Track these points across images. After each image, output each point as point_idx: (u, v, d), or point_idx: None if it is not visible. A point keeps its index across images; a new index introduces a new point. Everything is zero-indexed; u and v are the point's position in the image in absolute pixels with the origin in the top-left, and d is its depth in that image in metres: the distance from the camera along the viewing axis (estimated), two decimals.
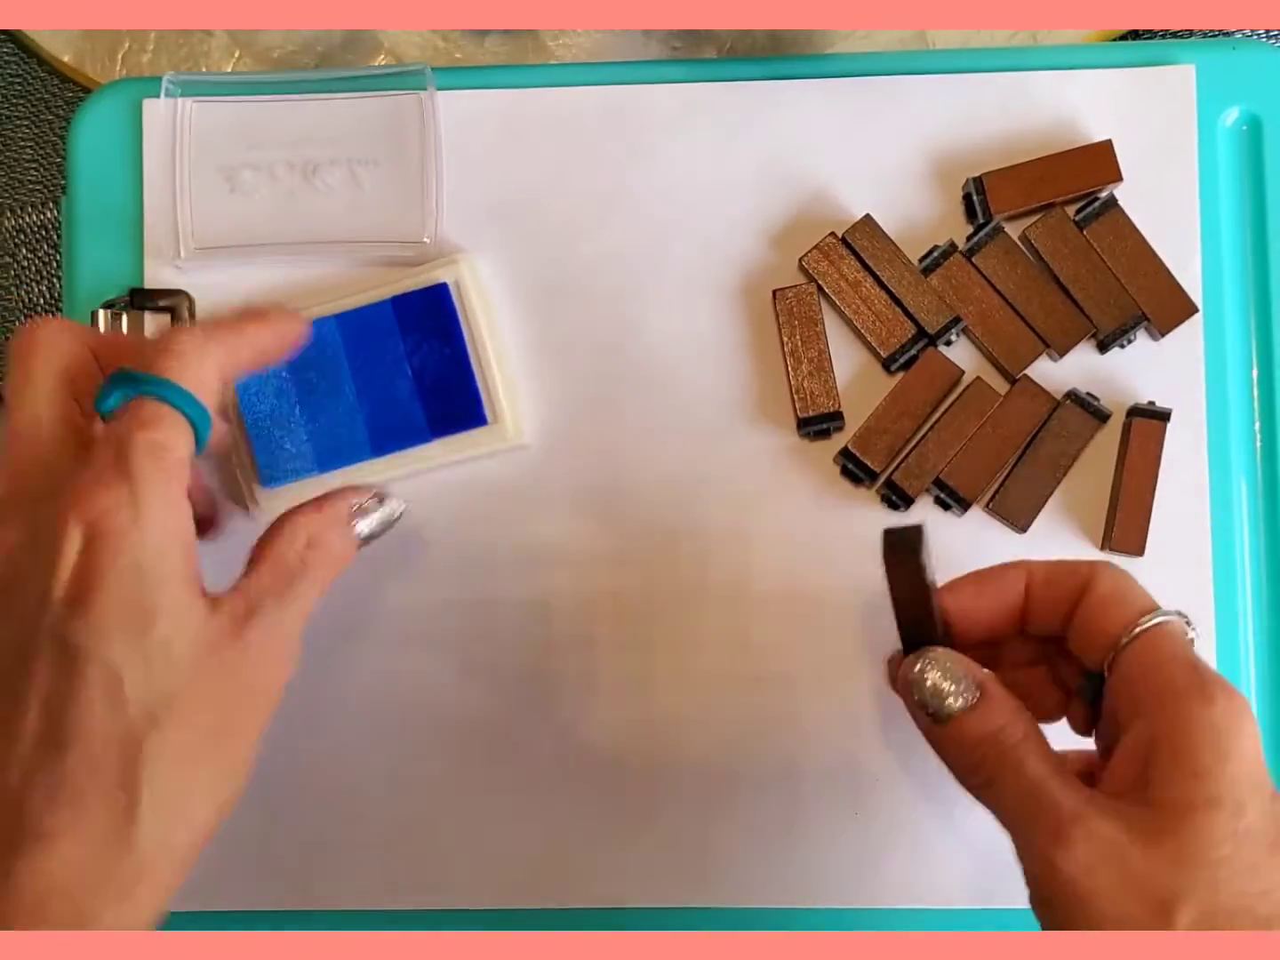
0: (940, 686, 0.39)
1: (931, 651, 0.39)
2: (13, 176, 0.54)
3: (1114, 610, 0.38)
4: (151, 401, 0.38)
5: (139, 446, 0.37)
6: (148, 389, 0.38)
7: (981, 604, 0.40)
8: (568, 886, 0.48)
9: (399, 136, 0.50)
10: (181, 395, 0.38)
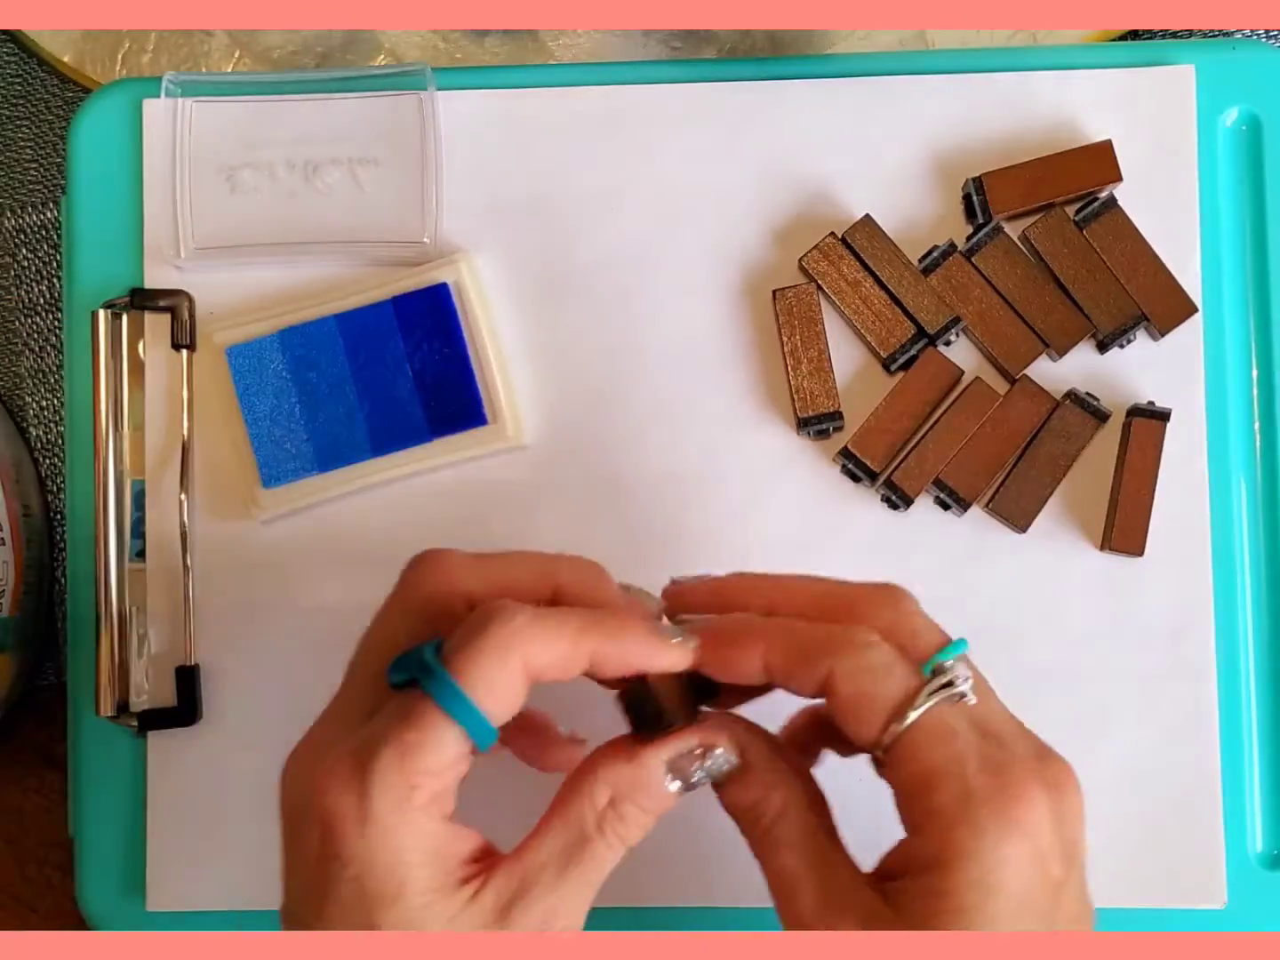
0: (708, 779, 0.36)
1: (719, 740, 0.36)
2: (13, 176, 0.54)
3: (863, 715, 0.34)
4: (422, 701, 0.34)
5: (387, 752, 0.33)
6: (427, 684, 0.34)
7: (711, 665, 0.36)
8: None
9: (399, 137, 0.50)
10: (461, 704, 0.33)
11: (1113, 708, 0.48)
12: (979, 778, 0.33)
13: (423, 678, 0.34)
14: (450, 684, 0.33)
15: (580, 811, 0.35)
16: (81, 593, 0.50)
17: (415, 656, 0.35)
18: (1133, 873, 0.48)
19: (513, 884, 0.34)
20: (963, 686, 0.34)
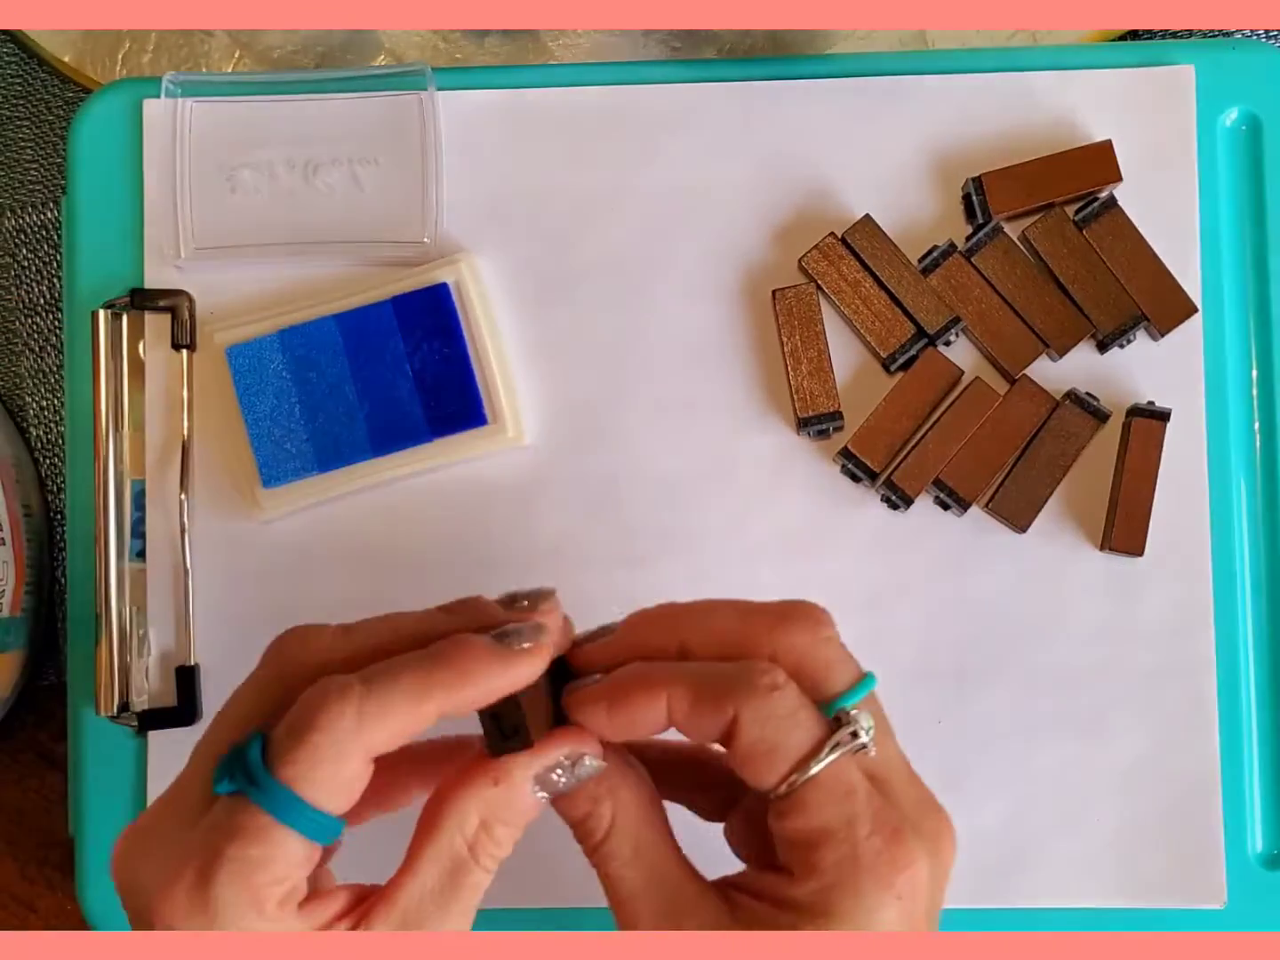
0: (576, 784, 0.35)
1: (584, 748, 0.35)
2: (13, 176, 0.54)
3: (760, 765, 0.33)
4: (256, 812, 0.31)
5: (225, 867, 0.31)
6: (260, 799, 0.31)
7: (618, 733, 0.35)
8: (569, 886, 0.48)
9: (399, 136, 0.50)
10: (295, 810, 0.31)
11: (1112, 708, 0.48)
12: (868, 841, 0.33)
13: (252, 792, 0.31)
14: (285, 796, 0.31)
15: (451, 840, 0.34)
16: (81, 593, 0.50)
17: (240, 762, 0.32)
18: (1132, 873, 0.48)
19: (393, 926, 0.33)
20: (865, 738, 0.33)
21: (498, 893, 0.48)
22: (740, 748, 0.33)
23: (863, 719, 0.33)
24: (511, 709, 0.34)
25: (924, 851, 0.33)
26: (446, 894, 0.34)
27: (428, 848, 0.34)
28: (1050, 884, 0.48)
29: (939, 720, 0.48)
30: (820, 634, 0.35)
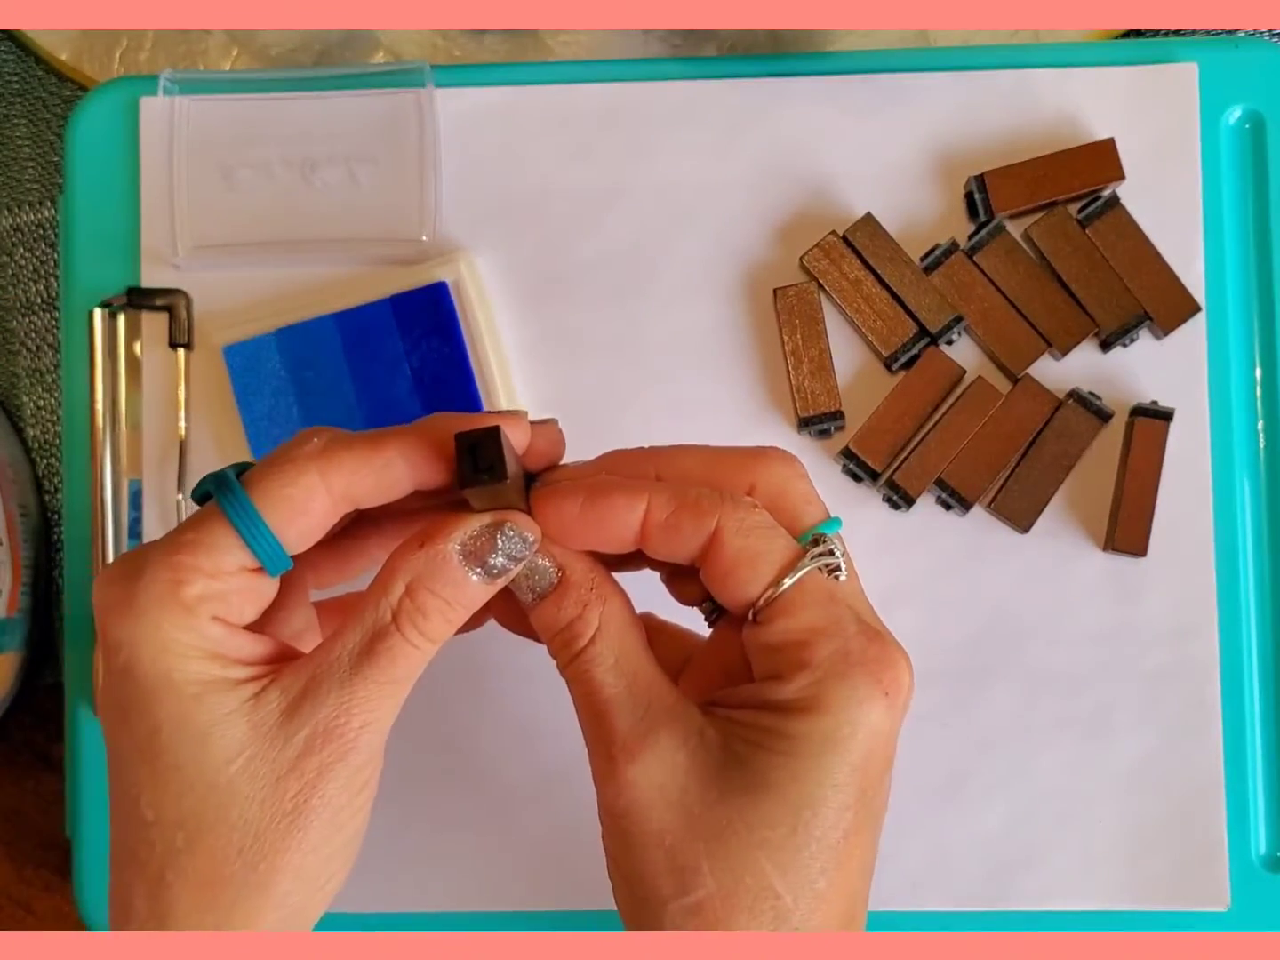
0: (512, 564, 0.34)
1: (511, 517, 0.34)
2: (9, 175, 0.54)
3: (744, 573, 0.33)
4: (211, 509, 0.33)
5: (158, 546, 0.33)
6: (220, 497, 0.33)
7: (586, 530, 0.34)
8: (570, 888, 0.48)
9: (397, 134, 0.50)
10: (254, 526, 0.33)
11: (1115, 708, 0.48)
12: (858, 639, 0.33)
13: (217, 491, 0.33)
14: (241, 497, 0.33)
15: (375, 605, 0.33)
16: (78, 593, 0.50)
17: (218, 475, 0.34)
18: (1136, 875, 0.47)
19: (300, 682, 0.33)
20: (839, 559, 0.34)
21: (500, 894, 0.48)
22: (724, 558, 0.33)
23: (837, 543, 0.34)
24: (490, 442, 0.32)
25: (907, 668, 0.34)
26: (361, 658, 0.33)
27: (353, 614, 0.34)
28: (1053, 886, 0.48)
29: (941, 721, 0.48)
30: (794, 470, 0.36)
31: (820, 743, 0.32)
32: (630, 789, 0.33)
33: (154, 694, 0.32)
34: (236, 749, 0.32)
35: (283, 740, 0.32)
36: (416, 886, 0.48)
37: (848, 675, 0.33)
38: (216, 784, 0.32)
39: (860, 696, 0.33)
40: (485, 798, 0.49)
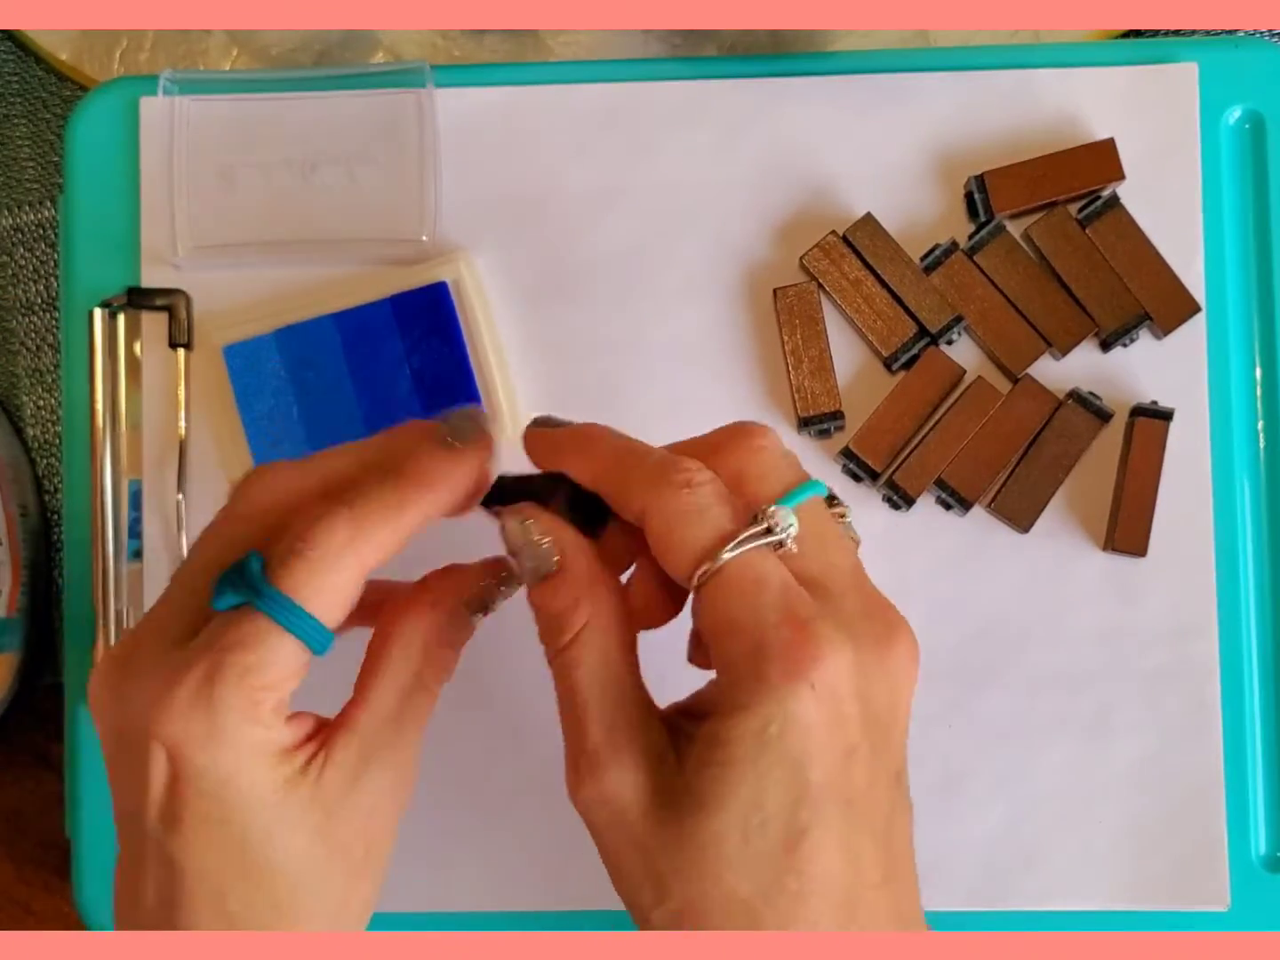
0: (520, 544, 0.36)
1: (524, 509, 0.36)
2: (9, 175, 0.54)
3: (670, 556, 0.33)
4: (256, 618, 0.33)
5: (227, 670, 0.33)
6: (259, 604, 0.33)
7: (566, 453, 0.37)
8: (567, 888, 0.48)
9: (397, 134, 0.49)
10: (297, 616, 0.34)
11: (1115, 709, 0.48)
12: (775, 631, 0.32)
13: (254, 598, 0.33)
14: (287, 604, 0.33)
15: (401, 666, 0.36)
16: (78, 593, 0.49)
17: (241, 575, 0.34)
18: (1136, 875, 0.47)
19: (353, 756, 0.35)
20: (781, 535, 0.33)
21: (500, 894, 0.48)
22: (650, 538, 0.34)
23: (782, 516, 0.33)
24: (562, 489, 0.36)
25: (850, 647, 0.32)
26: (403, 717, 0.36)
27: (379, 676, 0.36)
28: (1053, 886, 0.48)
29: (941, 721, 0.48)
30: (753, 444, 0.35)
31: (751, 745, 0.32)
32: (592, 802, 0.34)
33: (245, 810, 0.34)
34: (314, 833, 0.34)
35: (351, 812, 0.35)
36: (416, 886, 0.48)
37: (761, 671, 0.32)
38: (302, 869, 0.34)
39: (779, 695, 0.31)
40: (483, 798, 0.49)
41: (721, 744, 0.32)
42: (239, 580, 0.34)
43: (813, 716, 0.32)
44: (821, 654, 0.32)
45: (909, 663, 0.34)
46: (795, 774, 0.32)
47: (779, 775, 0.32)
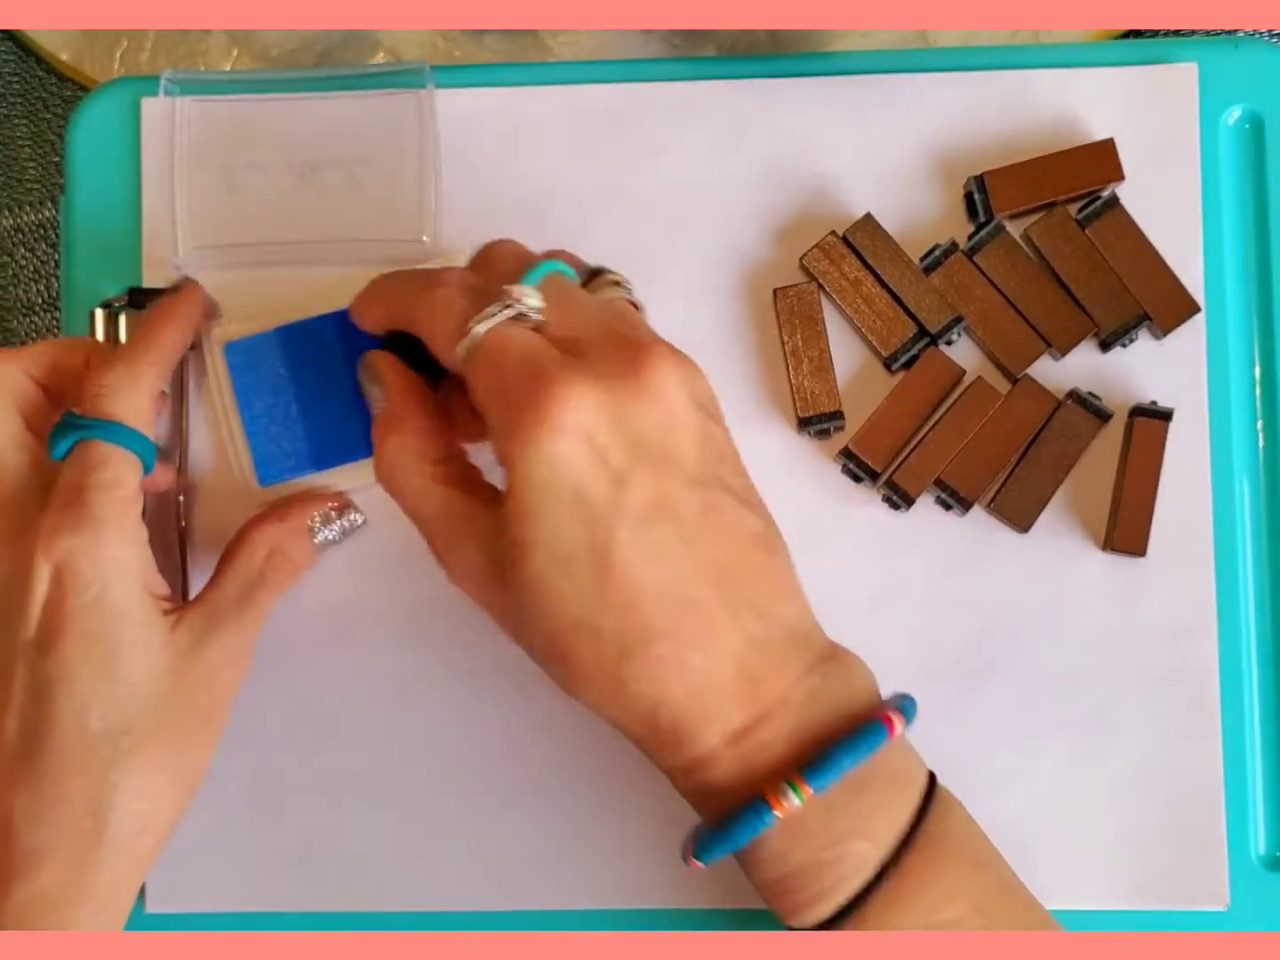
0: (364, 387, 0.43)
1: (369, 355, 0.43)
2: (10, 175, 0.54)
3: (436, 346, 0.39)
4: (96, 444, 0.41)
5: (93, 489, 0.40)
6: (91, 434, 0.41)
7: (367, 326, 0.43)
8: (567, 887, 0.48)
9: (397, 135, 0.50)
10: (123, 433, 0.41)
11: (1115, 709, 0.48)
12: (520, 385, 0.36)
13: (88, 432, 0.41)
14: (110, 424, 0.41)
15: (248, 563, 0.44)
16: None
17: (68, 425, 0.41)
18: (1135, 874, 0.47)
19: (200, 620, 0.43)
20: (521, 307, 0.37)
21: (500, 894, 0.48)
22: (426, 343, 0.40)
23: (519, 292, 0.38)
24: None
25: (591, 386, 0.36)
26: (244, 601, 0.44)
27: (229, 569, 0.44)
28: (1052, 885, 0.47)
29: (940, 721, 0.48)
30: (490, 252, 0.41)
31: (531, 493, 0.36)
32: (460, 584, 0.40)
33: (118, 622, 0.40)
34: (169, 668, 0.41)
35: (198, 661, 0.42)
36: (416, 886, 0.48)
37: (513, 426, 0.36)
38: (157, 695, 0.41)
39: (536, 441, 0.35)
40: (483, 797, 0.49)
41: (511, 500, 0.36)
42: (68, 429, 0.41)
43: (569, 453, 0.35)
44: (561, 396, 0.35)
45: (672, 382, 0.37)
46: (576, 506, 0.36)
47: (563, 511, 0.36)
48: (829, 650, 0.40)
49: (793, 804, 0.36)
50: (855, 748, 0.37)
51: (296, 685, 0.49)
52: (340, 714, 0.49)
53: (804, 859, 0.37)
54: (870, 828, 0.37)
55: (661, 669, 0.37)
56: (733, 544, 0.38)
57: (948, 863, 0.38)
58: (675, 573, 0.36)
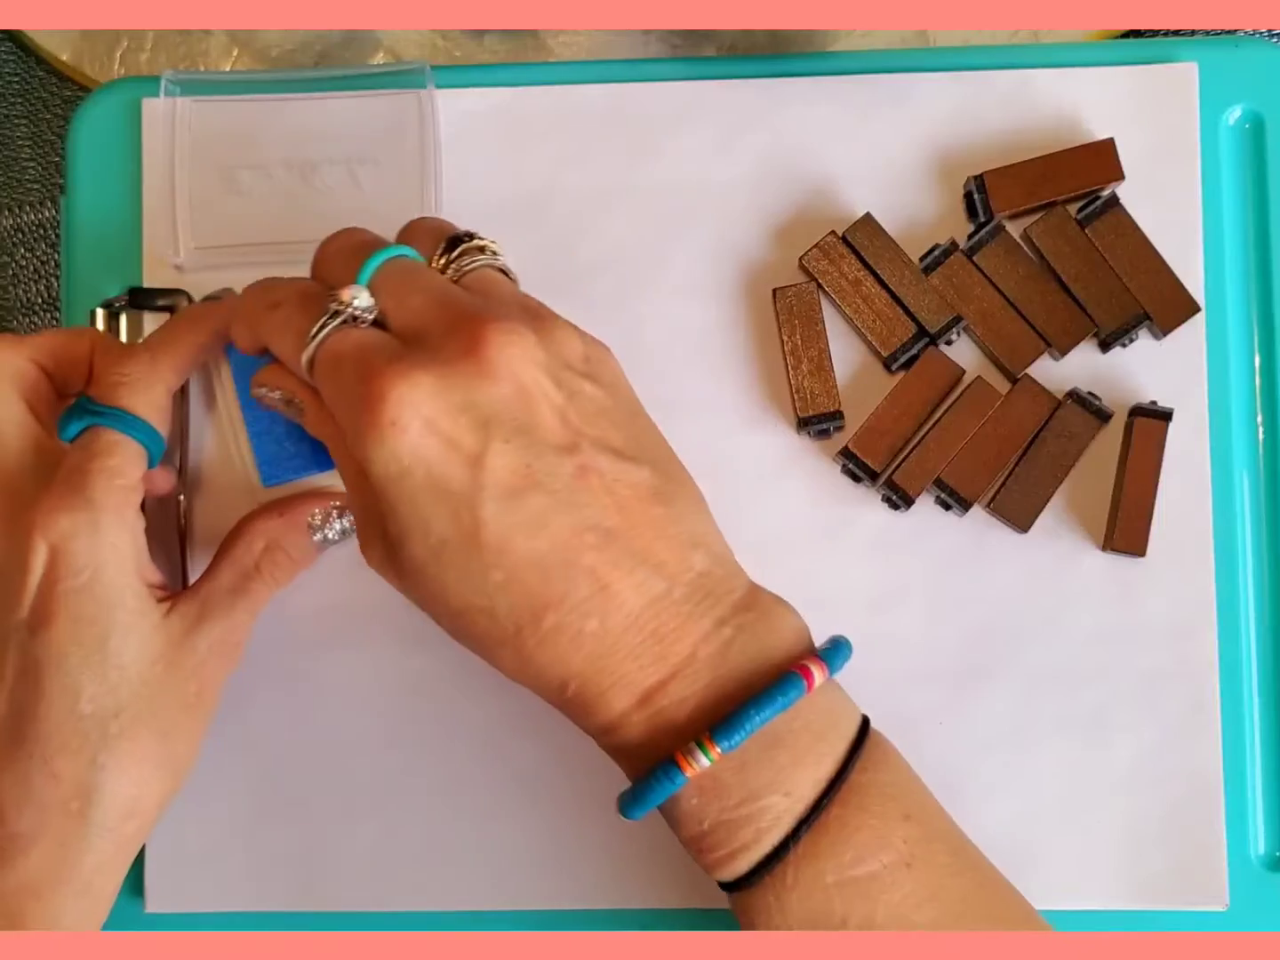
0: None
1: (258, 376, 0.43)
2: (10, 175, 0.54)
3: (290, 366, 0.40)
4: (106, 431, 0.42)
5: (96, 474, 0.41)
6: (102, 420, 0.42)
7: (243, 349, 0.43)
8: (566, 887, 0.48)
9: (398, 135, 0.50)
10: (133, 424, 0.42)
11: (1114, 708, 0.48)
12: (356, 390, 0.36)
13: (99, 419, 0.42)
14: (121, 413, 0.42)
15: (244, 555, 0.45)
16: None
17: (80, 408, 0.42)
18: (1134, 874, 0.47)
19: (195, 608, 0.43)
20: (349, 312, 0.38)
21: (500, 894, 0.48)
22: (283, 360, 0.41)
23: (347, 296, 0.38)
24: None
25: (424, 374, 0.36)
26: (237, 592, 0.44)
27: (225, 559, 0.45)
28: (1051, 885, 0.48)
29: (940, 721, 0.48)
30: (326, 249, 0.41)
31: (392, 489, 0.36)
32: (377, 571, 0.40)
33: (111, 607, 0.40)
34: (160, 654, 0.42)
35: (189, 649, 0.42)
36: (415, 886, 0.49)
37: (358, 430, 0.36)
38: (148, 680, 0.41)
39: (378, 441, 0.36)
40: (482, 797, 0.49)
41: (380, 500, 0.37)
42: (80, 412, 0.42)
43: (414, 446, 0.36)
44: (391, 392, 0.36)
45: (513, 353, 0.37)
46: (436, 496, 0.36)
47: (423, 503, 0.36)
48: (746, 599, 0.39)
49: (702, 764, 0.36)
50: (766, 704, 0.36)
51: (296, 685, 0.49)
52: (340, 714, 0.49)
53: (720, 816, 0.37)
54: (788, 782, 0.37)
55: (556, 640, 0.37)
56: (616, 502, 0.37)
57: (870, 813, 0.37)
58: (551, 542, 0.36)
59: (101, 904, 0.41)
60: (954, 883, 0.38)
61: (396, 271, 0.39)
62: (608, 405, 0.39)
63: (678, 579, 0.38)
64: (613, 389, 0.39)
